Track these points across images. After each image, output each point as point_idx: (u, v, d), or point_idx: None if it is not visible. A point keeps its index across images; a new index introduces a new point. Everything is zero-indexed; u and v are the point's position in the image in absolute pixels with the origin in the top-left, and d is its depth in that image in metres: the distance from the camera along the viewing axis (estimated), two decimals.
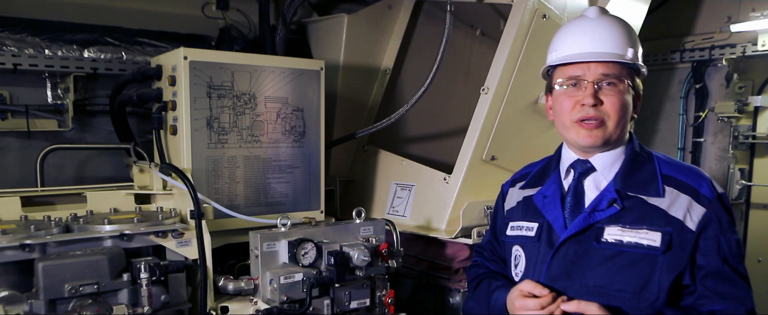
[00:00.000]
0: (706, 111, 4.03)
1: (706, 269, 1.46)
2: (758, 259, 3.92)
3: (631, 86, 1.54)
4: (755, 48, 3.67)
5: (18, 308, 1.71)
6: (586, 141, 1.53)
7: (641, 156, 1.58)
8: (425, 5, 3.25)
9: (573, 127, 1.54)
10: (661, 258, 1.45)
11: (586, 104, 1.50)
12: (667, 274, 1.45)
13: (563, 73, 1.57)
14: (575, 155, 1.62)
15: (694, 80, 4.06)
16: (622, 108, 1.51)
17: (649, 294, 1.45)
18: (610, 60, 1.51)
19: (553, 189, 1.63)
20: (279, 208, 2.51)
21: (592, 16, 1.60)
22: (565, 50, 1.57)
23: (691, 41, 4.06)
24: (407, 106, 2.74)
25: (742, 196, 3.96)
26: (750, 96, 3.84)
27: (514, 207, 1.76)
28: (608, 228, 1.50)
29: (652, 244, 1.45)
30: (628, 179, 1.53)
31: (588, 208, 1.54)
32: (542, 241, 1.59)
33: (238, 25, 3.20)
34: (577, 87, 1.53)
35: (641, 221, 1.48)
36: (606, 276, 1.47)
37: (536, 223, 1.63)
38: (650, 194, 1.50)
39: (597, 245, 1.49)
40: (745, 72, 3.89)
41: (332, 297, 2.11)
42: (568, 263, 1.52)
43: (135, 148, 2.58)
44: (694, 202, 1.47)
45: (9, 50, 2.60)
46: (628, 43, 1.54)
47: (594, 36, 1.54)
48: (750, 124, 3.92)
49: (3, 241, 1.75)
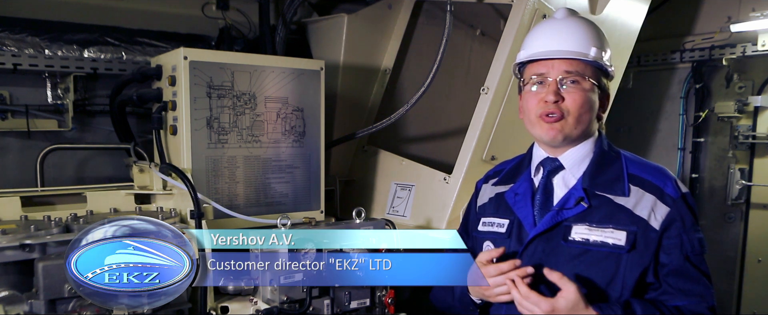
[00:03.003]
0: (706, 111, 4.03)
1: (668, 267, 1.51)
2: (758, 259, 3.93)
3: (596, 85, 1.58)
4: (755, 48, 3.67)
5: (18, 308, 1.71)
6: (548, 134, 1.57)
7: (609, 154, 1.63)
8: (425, 5, 3.25)
9: (537, 123, 1.59)
10: (626, 256, 1.50)
11: (548, 100, 1.55)
12: (631, 272, 1.50)
13: (530, 71, 1.63)
14: (545, 153, 1.66)
15: (694, 80, 4.06)
16: (582, 105, 1.55)
17: (613, 291, 1.50)
18: (573, 57, 1.56)
19: (524, 187, 1.67)
20: (279, 208, 2.51)
21: (559, 17, 1.66)
22: (531, 48, 1.63)
23: (691, 41, 4.06)
24: (407, 106, 2.74)
25: (742, 196, 3.96)
26: (750, 96, 3.84)
27: (486, 203, 1.79)
28: (575, 226, 1.54)
29: (617, 243, 1.50)
30: (596, 178, 1.58)
31: (556, 206, 1.58)
32: (513, 237, 1.63)
33: (238, 25, 3.20)
34: (542, 84, 1.59)
35: (607, 220, 1.52)
36: (572, 273, 1.51)
37: (507, 219, 1.67)
38: (616, 193, 1.54)
39: (564, 244, 1.54)
40: (745, 72, 3.89)
41: (332, 297, 2.11)
42: (537, 260, 1.56)
43: (135, 148, 2.57)
44: (659, 201, 1.52)
45: (9, 50, 2.60)
46: (592, 42, 1.59)
47: (559, 35, 1.60)
48: (750, 124, 3.92)
49: (3, 241, 1.75)
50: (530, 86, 1.61)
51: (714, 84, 4.03)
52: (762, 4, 3.54)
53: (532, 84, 1.61)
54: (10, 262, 1.77)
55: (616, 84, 3.23)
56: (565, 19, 1.64)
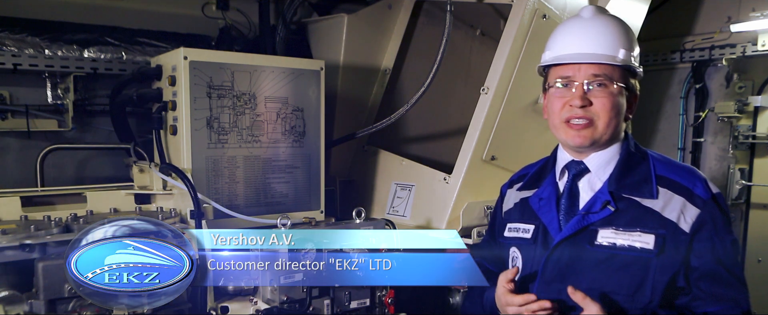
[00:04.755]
0: (706, 111, 4.03)
1: (700, 271, 1.46)
2: (758, 259, 3.93)
3: (624, 87, 1.54)
4: (755, 48, 3.66)
5: (18, 308, 1.71)
6: (575, 141, 1.54)
7: (636, 156, 1.59)
8: (425, 5, 3.25)
9: (562, 127, 1.56)
10: (654, 260, 1.45)
11: (574, 105, 1.51)
12: (661, 277, 1.45)
13: (556, 73, 1.58)
14: (569, 156, 1.63)
15: (694, 80, 4.06)
16: (611, 109, 1.51)
17: (642, 296, 1.46)
18: (600, 61, 1.51)
19: (548, 191, 1.64)
20: (279, 208, 2.51)
21: (586, 16, 1.60)
22: (557, 50, 1.59)
23: (691, 41, 4.05)
24: (407, 106, 2.74)
25: (742, 196, 3.97)
26: (750, 96, 3.85)
27: (511, 208, 1.77)
28: (602, 230, 1.50)
29: (645, 247, 1.46)
30: (622, 180, 1.54)
31: (582, 210, 1.55)
32: (538, 243, 1.60)
33: (238, 25, 3.20)
34: (568, 87, 1.54)
35: (635, 223, 1.48)
36: (599, 279, 1.48)
37: (532, 224, 1.64)
38: (644, 196, 1.50)
39: (590, 248, 1.50)
40: (745, 72, 3.89)
41: (332, 297, 2.11)
42: (563, 266, 1.53)
43: (135, 148, 2.58)
44: (688, 203, 1.47)
45: (9, 50, 2.60)
46: (621, 44, 1.54)
47: (586, 37, 1.55)
48: (750, 124, 3.92)
49: (3, 241, 1.75)
50: (555, 88, 1.57)
51: (714, 84, 4.03)
52: (762, 4, 3.54)
53: (557, 84, 1.56)
54: (10, 262, 1.77)
55: None
56: (592, 19, 1.58)
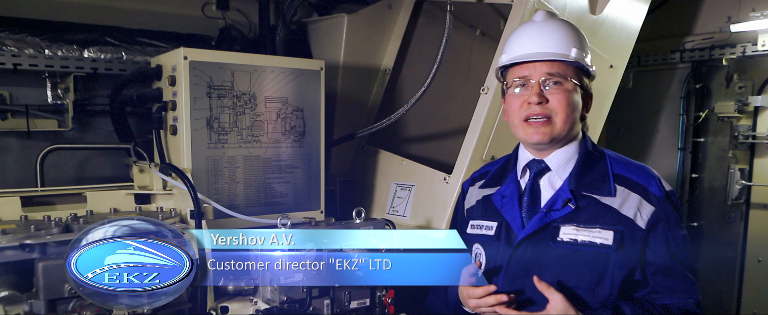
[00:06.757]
0: (706, 111, 4.03)
1: (656, 265, 1.53)
2: (758, 259, 3.92)
3: (578, 85, 1.60)
4: (755, 48, 3.67)
5: (18, 308, 1.71)
6: (534, 138, 1.59)
7: (594, 155, 1.64)
8: (425, 5, 3.25)
9: (521, 126, 1.61)
10: (613, 256, 1.52)
11: (532, 102, 1.57)
12: (619, 271, 1.52)
13: (513, 74, 1.64)
14: (530, 155, 1.67)
15: (694, 80, 4.06)
16: (568, 105, 1.57)
17: (602, 290, 1.52)
18: (554, 59, 1.58)
19: (511, 189, 1.68)
20: (279, 208, 2.51)
21: (538, 19, 1.67)
22: (513, 52, 1.65)
23: (691, 41, 4.06)
24: (407, 106, 2.74)
25: (742, 196, 3.96)
26: (750, 96, 3.85)
27: (473, 206, 1.80)
28: (563, 227, 1.56)
29: (604, 243, 1.52)
30: (582, 179, 1.59)
31: (544, 207, 1.60)
32: (501, 239, 1.64)
33: (238, 25, 3.20)
34: (525, 87, 1.60)
35: (594, 220, 1.54)
36: (561, 273, 1.54)
37: (495, 222, 1.68)
38: (603, 194, 1.56)
39: (553, 244, 1.56)
40: (745, 72, 3.89)
41: (332, 297, 2.11)
42: (527, 261, 1.57)
43: (135, 148, 2.58)
44: (644, 200, 1.54)
45: (9, 50, 2.60)
46: (573, 43, 1.60)
47: (539, 38, 1.62)
48: (750, 124, 3.92)
49: (3, 241, 1.75)
50: (513, 89, 1.63)
51: (714, 84, 4.03)
52: (762, 4, 3.54)
53: (514, 86, 1.63)
54: (10, 262, 1.77)
55: (616, 84, 3.23)
56: (544, 22, 1.66)
